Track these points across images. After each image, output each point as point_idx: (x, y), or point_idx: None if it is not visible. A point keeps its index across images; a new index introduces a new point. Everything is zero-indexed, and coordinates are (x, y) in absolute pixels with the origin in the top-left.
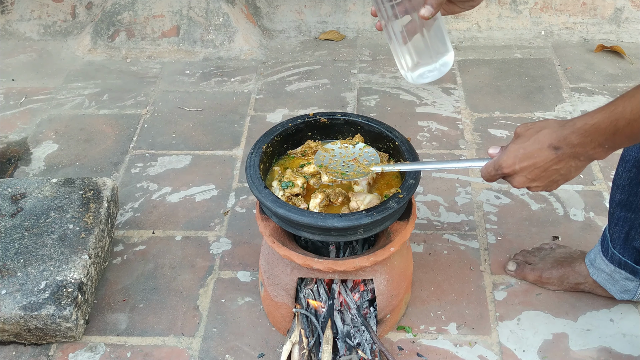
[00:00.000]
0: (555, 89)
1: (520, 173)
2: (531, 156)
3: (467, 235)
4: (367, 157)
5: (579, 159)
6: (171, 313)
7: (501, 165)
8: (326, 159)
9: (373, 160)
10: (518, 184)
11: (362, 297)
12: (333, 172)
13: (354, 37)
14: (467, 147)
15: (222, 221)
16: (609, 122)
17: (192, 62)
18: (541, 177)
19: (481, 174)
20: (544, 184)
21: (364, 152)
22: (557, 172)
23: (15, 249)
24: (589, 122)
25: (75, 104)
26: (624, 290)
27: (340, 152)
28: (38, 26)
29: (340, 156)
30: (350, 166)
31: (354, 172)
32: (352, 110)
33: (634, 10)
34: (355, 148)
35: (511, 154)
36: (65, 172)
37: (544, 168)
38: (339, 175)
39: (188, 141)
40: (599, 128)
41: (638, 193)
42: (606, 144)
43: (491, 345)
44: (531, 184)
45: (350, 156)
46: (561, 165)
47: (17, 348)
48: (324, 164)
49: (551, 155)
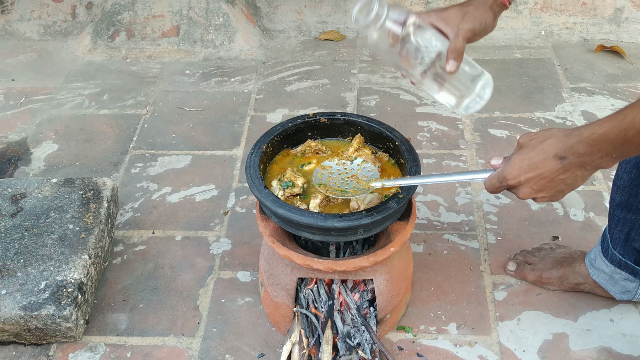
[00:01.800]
0: (555, 89)
1: (525, 184)
2: (536, 167)
3: (467, 235)
4: (365, 172)
5: (585, 168)
6: (171, 313)
7: (506, 177)
8: (324, 176)
9: (372, 175)
10: (523, 195)
11: (362, 297)
12: (333, 191)
13: (354, 37)
14: (467, 147)
15: (222, 221)
16: (618, 132)
17: (192, 62)
18: (547, 187)
19: (485, 186)
20: (550, 194)
21: (362, 168)
22: (563, 181)
23: (15, 249)
24: (596, 132)
25: (75, 104)
26: (624, 291)
27: (339, 168)
28: (38, 26)
29: (339, 173)
30: (350, 183)
31: (354, 189)
32: (352, 110)
33: (634, 10)
34: (353, 164)
35: (516, 165)
36: (65, 172)
37: (550, 178)
38: (338, 194)
39: (188, 141)
40: (607, 138)
41: (638, 194)
42: (614, 154)
43: (491, 345)
44: (537, 195)
45: (349, 172)
46: (567, 175)
47: (17, 348)
48: (323, 182)
49: (557, 165)
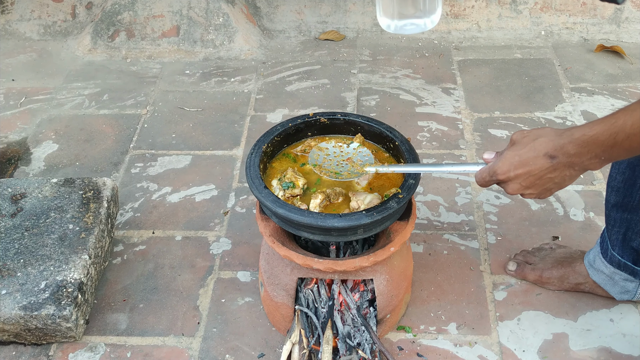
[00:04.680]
0: (555, 89)
1: (514, 180)
2: (526, 164)
3: (467, 235)
4: (361, 157)
5: (574, 169)
6: (171, 313)
7: (496, 172)
8: (320, 157)
9: (367, 160)
10: (512, 190)
11: (362, 297)
12: (327, 172)
13: (354, 37)
14: (467, 147)
15: (222, 221)
16: (608, 135)
17: (192, 62)
18: (535, 184)
19: (475, 179)
20: (537, 192)
21: (358, 152)
22: (552, 180)
23: (15, 249)
24: (587, 133)
25: (75, 104)
26: (623, 291)
27: (335, 151)
28: (38, 26)
29: (335, 155)
30: (345, 166)
31: (348, 172)
32: (352, 110)
33: (634, 10)
34: (349, 148)
35: (506, 161)
36: (65, 172)
37: (538, 176)
38: (332, 175)
39: (188, 141)
40: (597, 140)
41: (633, 194)
42: (603, 156)
43: (491, 345)
44: (525, 191)
45: (345, 156)
46: (556, 174)
47: (17, 348)
48: (318, 162)
49: (546, 164)
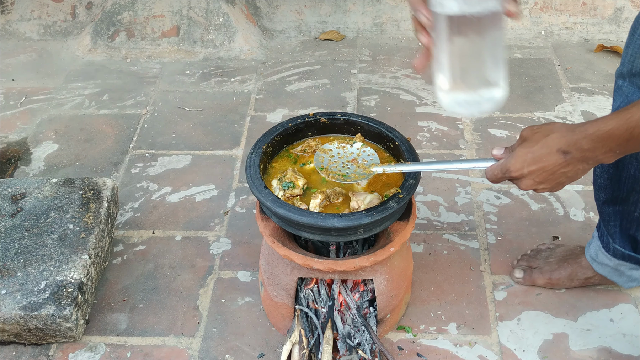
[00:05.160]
0: (555, 89)
1: (528, 176)
2: (540, 160)
3: (467, 235)
4: (365, 157)
5: (587, 163)
6: (171, 313)
7: (509, 169)
8: (325, 160)
9: (372, 160)
10: (525, 186)
11: (362, 297)
12: (334, 175)
13: (354, 37)
14: (467, 147)
15: (222, 221)
16: (624, 130)
17: (192, 62)
18: (549, 179)
19: (486, 175)
20: (550, 186)
21: (362, 152)
22: (565, 174)
23: (15, 249)
24: (602, 129)
25: (75, 104)
26: (631, 280)
27: (339, 152)
28: (38, 26)
29: (339, 157)
30: (350, 167)
31: (355, 173)
32: (352, 110)
33: (634, 10)
34: (353, 148)
35: (519, 158)
36: (65, 172)
37: (552, 171)
38: (340, 178)
39: (188, 141)
40: (612, 135)
41: (620, 187)
42: (617, 150)
43: (491, 345)
44: (538, 187)
45: (349, 156)
46: (569, 169)
47: (17, 348)
48: (324, 166)
49: (560, 159)
